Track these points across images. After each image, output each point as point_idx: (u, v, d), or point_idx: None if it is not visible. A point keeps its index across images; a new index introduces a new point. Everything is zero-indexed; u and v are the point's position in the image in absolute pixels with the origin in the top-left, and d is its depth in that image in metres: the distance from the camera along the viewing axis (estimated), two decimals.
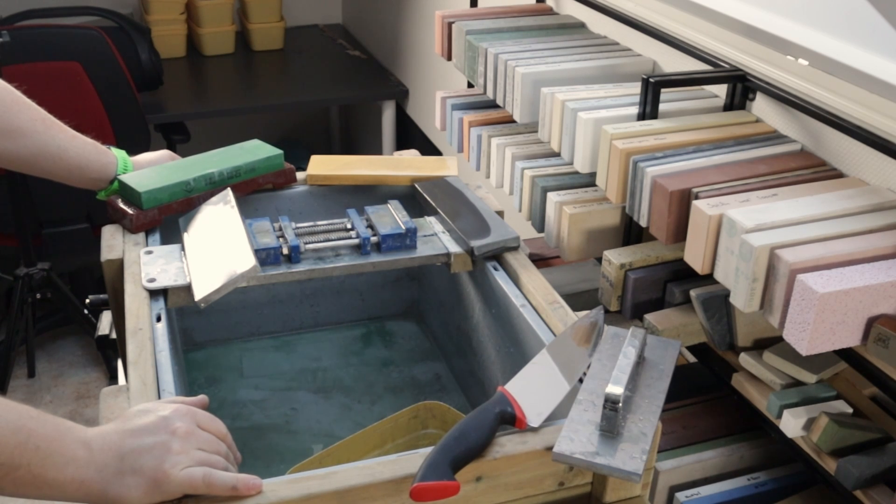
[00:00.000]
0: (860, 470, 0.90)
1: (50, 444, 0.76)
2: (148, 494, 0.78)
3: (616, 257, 1.11)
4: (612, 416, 0.83)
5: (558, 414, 0.88)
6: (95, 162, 1.18)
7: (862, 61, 1.02)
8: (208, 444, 0.83)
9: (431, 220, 1.22)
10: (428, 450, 0.81)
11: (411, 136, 2.95)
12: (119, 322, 1.12)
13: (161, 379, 0.92)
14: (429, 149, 2.69)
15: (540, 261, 1.47)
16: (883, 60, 1.01)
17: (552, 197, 1.24)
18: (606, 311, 1.10)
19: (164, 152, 1.29)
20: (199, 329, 1.36)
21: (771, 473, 1.08)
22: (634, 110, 1.19)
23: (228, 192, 1.18)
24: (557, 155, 1.27)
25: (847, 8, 1.07)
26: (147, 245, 1.14)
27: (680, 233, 1.03)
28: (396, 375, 1.33)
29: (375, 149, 3.20)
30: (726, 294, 0.98)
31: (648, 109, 1.16)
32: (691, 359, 1.26)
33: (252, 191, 1.26)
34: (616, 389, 0.83)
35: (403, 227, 1.13)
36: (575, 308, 1.05)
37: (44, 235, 2.56)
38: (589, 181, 1.27)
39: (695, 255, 0.99)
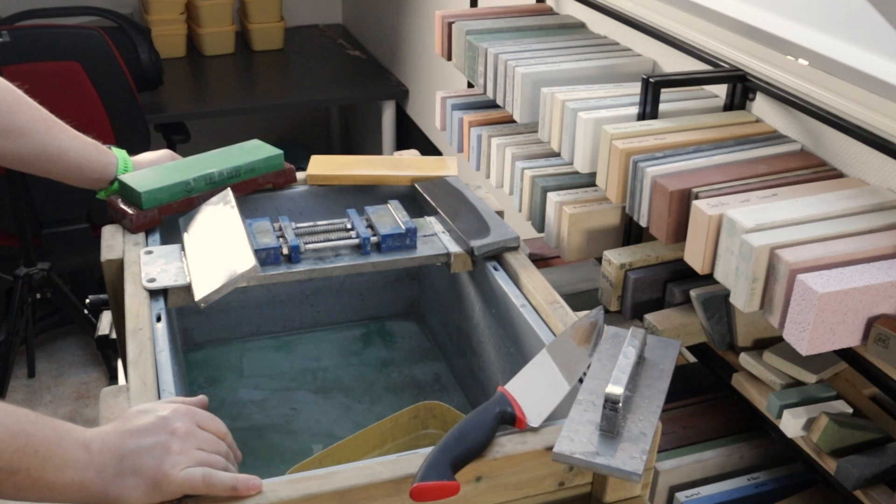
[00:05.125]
0: (860, 470, 0.90)
1: (49, 447, 0.76)
2: (148, 495, 0.78)
3: (616, 257, 1.11)
4: (612, 416, 0.83)
5: (558, 414, 0.88)
6: (96, 162, 1.18)
7: (862, 61, 1.02)
8: (208, 444, 0.83)
9: (431, 220, 1.22)
10: (428, 450, 0.81)
11: (411, 136, 2.95)
12: (119, 322, 1.12)
13: (161, 379, 0.92)
14: (429, 149, 2.69)
15: (540, 261, 1.47)
16: (883, 60, 1.01)
17: (552, 197, 1.24)
18: (606, 311, 1.10)
19: (164, 152, 1.29)
20: (199, 329, 1.36)
21: (771, 473, 1.08)
22: (634, 110, 1.19)
23: (228, 192, 1.18)
24: (557, 155, 1.27)
25: (847, 8, 1.07)
26: (147, 245, 1.14)
27: (680, 233, 1.03)
28: (396, 375, 1.33)
29: (375, 149, 3.20)
30: (726, 294, 0.98)
31: (648, 109, 1.16)
32: (691, 359, 1.26)
33: (252, 191, 1.26)
34: (616, 389, 0.83)
35: (403, 227, 1.13)
36: (575, 308, 1.05)
37: (44, 235, 2.56)
38: (589, 181, 1.27)
39: (695, 255, 0.99)
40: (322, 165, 1.33)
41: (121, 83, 2.46)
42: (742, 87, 1.20)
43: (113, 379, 2.61)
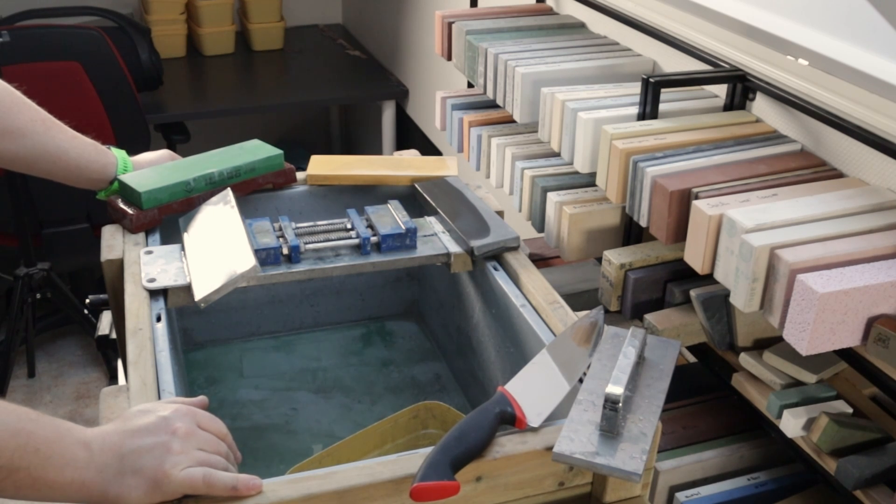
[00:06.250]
0: (860, 470, 0.90)
1: (50, 445, 0.76)
2: (148, 495, 0.78)
3: (616, 257, 1.11)
4: (612, 416, 0.83)
5: (558, 414, 0.88)
6: (95, 162, 1.18)
7: (862, 61, 1.02)
8: (208, 445, 0.83)
9: (431, 220, 1.22)
10: (428, 450, 0.81)
11: (411, 136, 2.95)
12: (119, 322, 1.12)
13: (161, 379, 0.92)
14: (429, 149, 2.69)
15: (540, 261, 1.47)
16: (883, 60, 1.01)
17: (552, 197, 1.24)
18: (606, 311, 1.10)
19: (164, 152, 1.29)
20: (199, 329, 1.36)
21: (771, 473, 1.08)
22: (634, 110, 1.19)
23: (228, 192, 1.18)
24: (557, 155, 1.27)
25: (847, 8, 1.07)
26: (147, 245, 1.14)
27: (680, 233, 1.03)
28: (396, 375, 1.33)
29: (375, 149, 3.20)
30: (726, 294, 0.98)
31: (648, 109, 1.16)
32: (691, 359, 1.26)
33: (252, 191, 1.26)
34: (616, 389, 0.83)
35: (403, 227, 1.13)
36: (575, 308, 1.05)
37: (44, 235, 2.56)
38: (589, 181, 1.27)
39: (695, 255, 0.99)
40: (322, 165, 1.33)
41: (121, 83, 2.46)
42: (742, 87, 1.20)
43: (113, 379, 2.61)
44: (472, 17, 1.54)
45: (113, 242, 1.15)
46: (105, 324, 1.32)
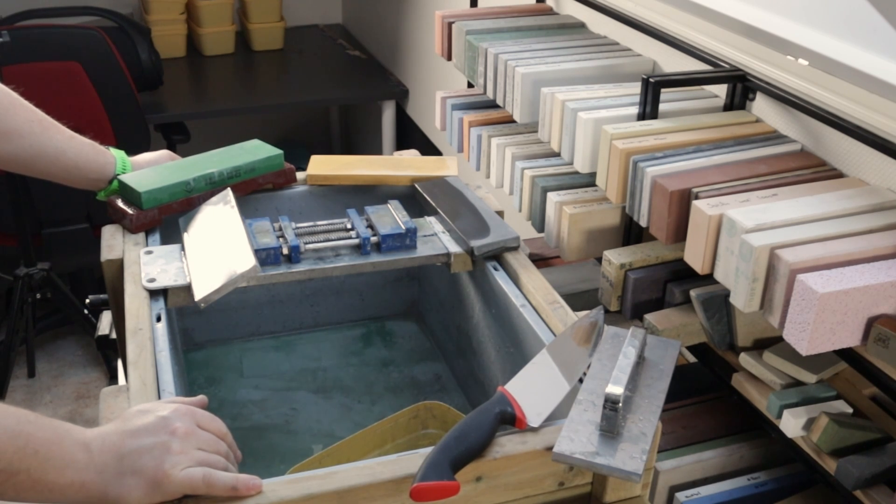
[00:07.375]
0: (860, 470, 0.90)
1: (49, 447, 0.76)
2: (148, 495, 0.78)
3: (616, 257, 1.11)
4: (612, 416, 0.83)
5: (558, 414, 0.88)
6: (93, 162, 1.18)
7: (862, 61, 1.02)
8: (208, 444, 0.83)
9: (431, 220, 1.22)
10: (428, 450, 0.81)
11: (411, 136, 2.95)
12: (119, 322, 1.12)
13: (161, 379, 0.92)
14: (429, 149, 2.69)
15: (540, 261, 1.47)
16: (883, 60, 1.01)
17: (552, 197, 1.24)
18: (606, 311, 1.10)
19: (164, 152, 1.29)
20: (199, 329, 1.36)
21: (771, 473, 1.08)
22: (634, 110, 1.19)
23: (228, 192, 1.18)
24: (557, 155, 1.27)
25: (847, 8, 1.07)
26: (147, 245, 1.14)
27: (680, 233, 1.03)
28: (396, 375, 1.33)
29: (375, 149, 3.20)
30: (726, 294, 0.98)
31: (648, 109, 1.16)
32: (691, 359, 1.26)
33: (252, 191, 1.26)
34: (616, 389, 0.83)
35: (403, 227, 1.13)
36: (575, 308, 1.05)
37: (44, 235, 2.56)
38: (589, 181, 1.27)
39: (695, 255, 0.99)
40: (322, 165, 1.33)
41: (121, 83, 2.46)
42: (742, 87, 1.20)
43: (113, 379, 2.61)
44: (472, 17, 1.54)
45: (113, 242, 1.15)
46: (105, 324, 1.32)
